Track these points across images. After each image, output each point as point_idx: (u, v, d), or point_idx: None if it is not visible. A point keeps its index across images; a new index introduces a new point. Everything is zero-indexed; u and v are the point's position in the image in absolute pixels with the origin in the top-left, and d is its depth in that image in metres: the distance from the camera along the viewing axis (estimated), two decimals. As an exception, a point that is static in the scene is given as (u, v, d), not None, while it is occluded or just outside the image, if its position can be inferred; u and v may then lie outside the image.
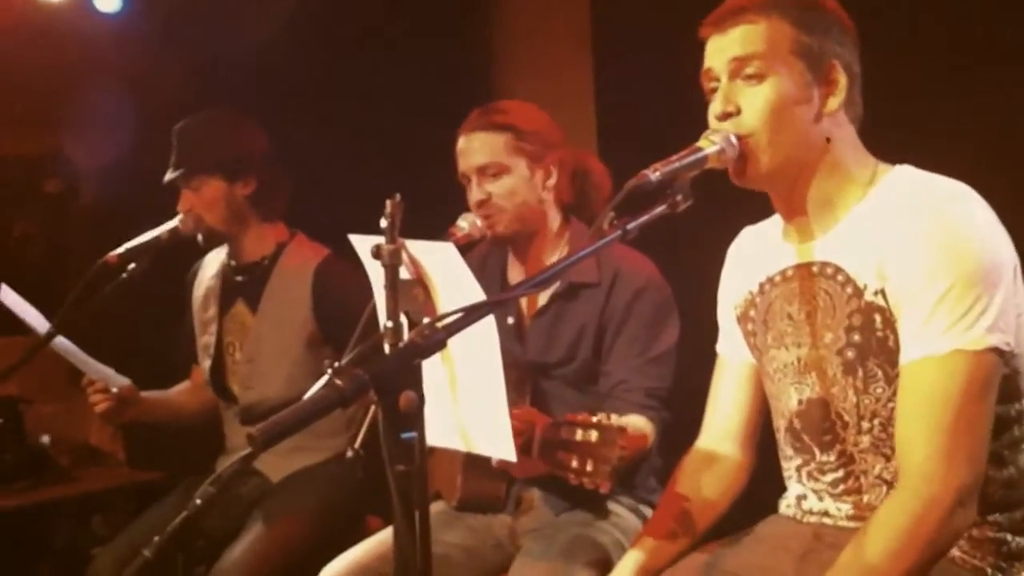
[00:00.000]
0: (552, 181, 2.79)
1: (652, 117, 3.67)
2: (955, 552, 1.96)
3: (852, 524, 2.05)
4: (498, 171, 2.73)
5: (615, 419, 1.93)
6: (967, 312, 1.84)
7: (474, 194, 2.75)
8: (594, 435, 1.89)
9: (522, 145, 2.74)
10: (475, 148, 2.75)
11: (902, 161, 2.05)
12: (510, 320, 2.82)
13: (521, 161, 2.75)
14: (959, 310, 1.84)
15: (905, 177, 2.02)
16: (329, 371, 1.54)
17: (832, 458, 2.08)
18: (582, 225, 2.85)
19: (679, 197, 1.87)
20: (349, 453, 1.87)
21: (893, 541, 1.81)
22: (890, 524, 1.83)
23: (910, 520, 1.81)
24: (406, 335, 1.81)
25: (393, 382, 1.47)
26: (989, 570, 1.96)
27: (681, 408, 2.54)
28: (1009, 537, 1.98)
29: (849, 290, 1.99)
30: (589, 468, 1.89)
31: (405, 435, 1.48)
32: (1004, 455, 1.97)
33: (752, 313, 2.22)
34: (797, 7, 2.01)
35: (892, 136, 2.09)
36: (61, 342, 3.02)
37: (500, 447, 1.94)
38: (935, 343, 1.86)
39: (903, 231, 1.91)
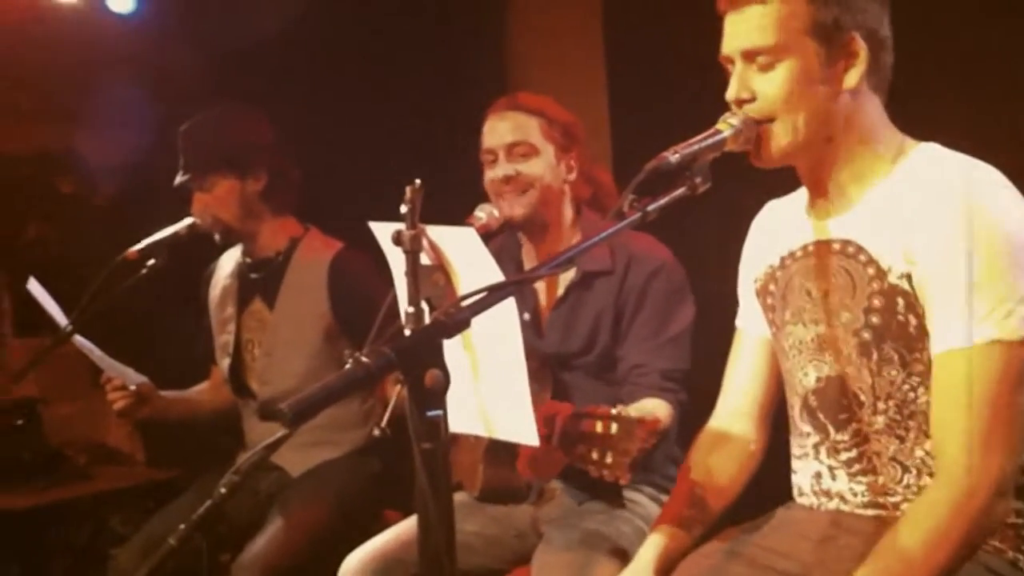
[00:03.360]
0: (573, 176, 2.84)
1: (665, 112, 3.67)
2: None
3: (869, 512, 2.04)
4: (528, 151, 2.78)
5: (634, 410, 1.93)
6: (1003, 301, 1.82)
7: (500, 170, 2.78)
8: (614, 428, 1.89)
9: (552, 132, 2.80)
10: (507, 127, 2.79)
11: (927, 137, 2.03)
12: (527, 316, 2.83)
13: (550, 147, 2.80)
14: (994, 299, 1.83)
15: (933, 157, 1.99)
16: (350, 361, 1.54)
17: (846, 437, 2.06)
18: (594, 214, 2.87)
19: (698, 179, 1.87)
20: (376, 432, 1.88)
21: (932, 531, 1.80)
22: (929, 514, 1.83)
23: (949, 510, 1.81)
24: (427, 320, 1.82)
25: (418, 360, 1.47)
26: (1011, 553, 1.95)
27: (700, 393, 2.53)
28: None
29: (871, 271, 1.97)
30: (609, 460, 1.89)
31: (431, 412, 1.48)
32: None
33: (772, 287, 2.20)
34: None
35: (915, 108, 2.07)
36: (80, 340, 3.03)
37: (523, 432, 1.93)
38: (970, 333, 1.84)
39: (932, 216, 1.88)
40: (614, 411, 1.94)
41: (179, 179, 3.26)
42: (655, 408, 2.57)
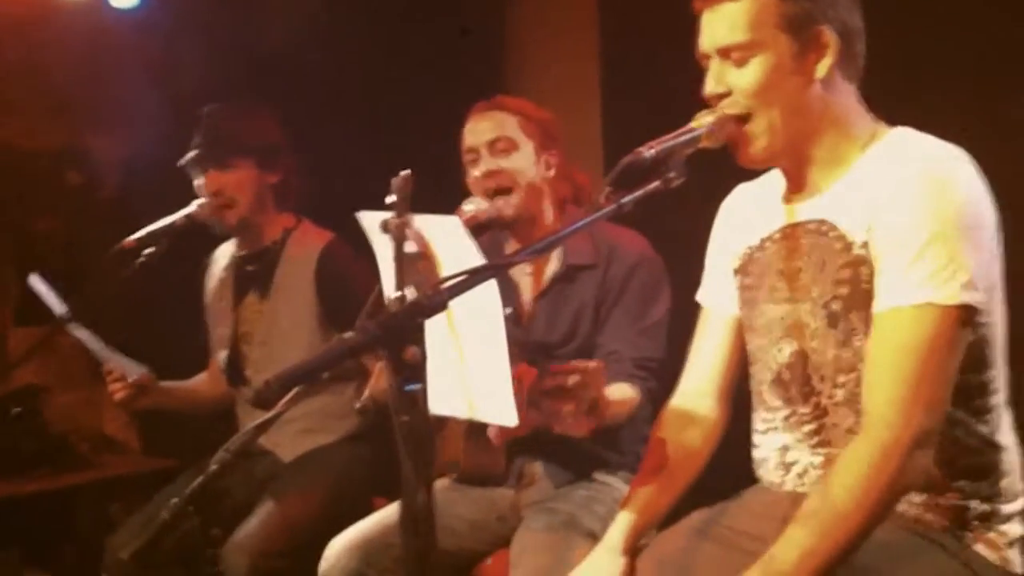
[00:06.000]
0: (552, 173, 2.92)
1: (657, 112, 3.71)
2: (912, 512, 2.03)
3: None
4: (508, 147, 2.86)
5: (594, 363, 2.00)
6: (944, 266, 1.89)
7: (483, 165, 2.86)
8: (575, 379, 1.96)
9: (531, 128, 2.89)
10: (487, 125, 2.88)
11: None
12: (509, 309, 2.87)
13: (529, 143, 2.88)
14: (936, 264, 1.89)
15: (902, 137, 2.07)
16: (335, 339, 1.61)
17: (808, 410, 2.14)
18: (576, 210, 2.94)
19: (672, 174, 1.94)
20: (357, 404, 1.96)
21: (856, 485, 1.87)
22: (852, 469, 1.89)
23: (869, 466, 1.87)
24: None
25: (398, 337, 1.55)
26: (939, 533, 2.02)
27: (674, 380, 2.56)
28: (973, 503, 2.03)
29: (839, 245, 2.04)
30: (568, 409, 1.96)
31: (409, 386, 1.56)
32: (971, 423, 2.03)
33: (751, 267, 2.27)
34: None
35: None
36: (79, 330, 3.09)
37: (503, 413, 2.00)
38: (908, 294, 1.91)
39: (890, 186, 1.96)
40: (574, 363, 2.02)
41: (194, 153, 3.31)
42: (623, 391, 2.66)
